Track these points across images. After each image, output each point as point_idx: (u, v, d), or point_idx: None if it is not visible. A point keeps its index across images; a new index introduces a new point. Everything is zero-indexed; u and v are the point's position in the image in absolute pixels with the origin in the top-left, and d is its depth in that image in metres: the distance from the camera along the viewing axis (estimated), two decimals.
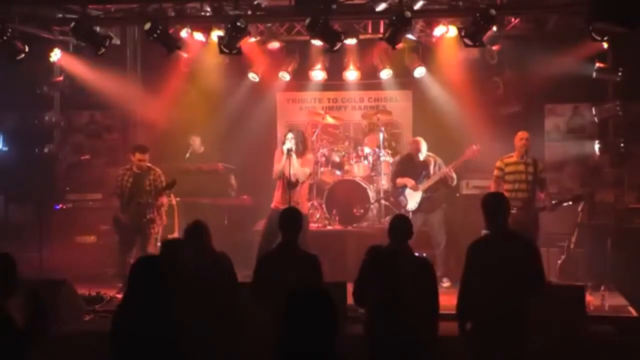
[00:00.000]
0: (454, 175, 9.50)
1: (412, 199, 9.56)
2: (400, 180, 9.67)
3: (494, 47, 10.01)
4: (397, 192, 9.77)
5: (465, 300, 5.50)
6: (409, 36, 9.53)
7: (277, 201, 8.83)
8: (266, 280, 5.73)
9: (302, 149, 8.78)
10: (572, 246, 9.34)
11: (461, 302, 5.51)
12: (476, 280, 5.44)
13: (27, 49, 9.00)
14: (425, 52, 10.68)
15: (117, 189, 9.15)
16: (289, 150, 8.60)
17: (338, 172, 10.51)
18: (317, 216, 10.32)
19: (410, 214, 9.40)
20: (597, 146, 10.48)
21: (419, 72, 10.71)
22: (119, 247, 9.15)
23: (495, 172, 8.78)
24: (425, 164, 9.59)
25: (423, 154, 9.58)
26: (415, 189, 9.52)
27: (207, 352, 5.51)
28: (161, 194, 9.05)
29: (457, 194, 10.33)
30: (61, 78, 10.74)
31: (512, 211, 8.34)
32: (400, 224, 5.77)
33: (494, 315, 5.34)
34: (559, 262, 9.27)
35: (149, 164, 9.15)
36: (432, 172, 9.52)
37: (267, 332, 5.07)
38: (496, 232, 5.54)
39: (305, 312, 3.17)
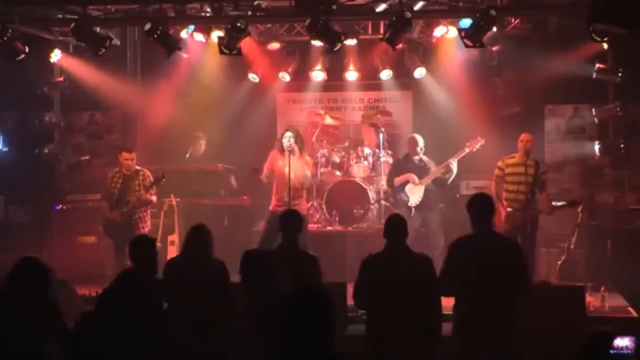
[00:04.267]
0: (454, 167, 9.34)
1: (415, 195, 9.44)
2: (398, 179, 9.51)
3: (494, 48, 10.01)
4: (396, 191, 9.70)
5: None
6: (409, 36, 9.52)
7: (275, 203, 8.84)
8: None
9: (299, 149, 8.80)
10: (572, 247, 9.35)
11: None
12: (457, 279, 5.45)
13: (27, 50, 9.00)
14: (425, 52, 10.68)
15: (106, 191, 9.20)
16: (289, 150, 8.63)
17: (338, 173, 10.52)
18: (317, 217, 10.32)
19: (413, 210, 9.36)
20: (597, 147, 10.47)
21: (419, 72, 10.71)
22: (114, 248, 9.16)
23: (496, 172, 8.78)
24: (422, 161, 9.51)
25: (422, 149, 9.47)
26: (415, 182, 9.41)
27: (200, 357, 5.53)
28: (149, 191, 9.09)
29: (457, 195, 10.32)
30: (61, 78, 10.74)
31: (510, 210, 8.46)
32: (396, 224, 5.75)
33: (479, 316, 5.36)
34: (559, 262, 9.28)
35: (137, 167, 9.19)
36: (430, 168, 9.44)
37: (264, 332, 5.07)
38: (481, 233, 5.57)
39: (303, 312, 3.17)
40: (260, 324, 4.52)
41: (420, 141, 9.48)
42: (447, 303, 5.75)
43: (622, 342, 6.23)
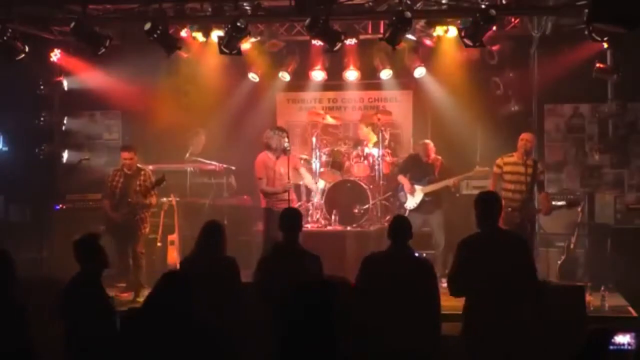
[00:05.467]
0: (458, 186, 9.57)
1: (412, 198, 9.57)
2: (400, 178, 9.74)
3: (494, 48, 10.01)
4: (398, 189, 9.81)
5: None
6: (409, 36, 9.53)
7: (271, 201, 8.96)
8: (269, 280, 5.75)
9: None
10: (572, 246, 9.36)
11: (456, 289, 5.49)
12: (464, 279, 5.41)
13: (27, 49, 9.00)
14: (425, 52, 10.68)
15: (107, 189, 9.21)
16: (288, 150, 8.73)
17: (338, 172, 10.51)
18: (317, 216, 10.32)
19: (407, 212, 9.40)
20: (596, 146, 10.49)
21: (419, 72, 10.71)
22: (116, 248, 9.15)
23: (494, 170, 8.82)
24: (431, 167, 9.61)
25: (430, 157, 9.65)
26: (410, 191, 9.56)
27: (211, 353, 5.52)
28: (150, 192, 9.11)
29: (457, 194, 10.32)
30: (61, 78, 10.75)
31: (508, 210, 8.46)
32: (400, 225, 5.75)
33: (492, 317, 5.31)
34: (559, 262, 9.30)
35: (139, 165, 9.21)
36: (436, 176, 9.53)
37: (269, 331, 5.07)
38: (488, 231, 5.52)
39: (307, 310, 3.17)
40: (269, 322, 4.53)
41: (430, 144, 9.76)
42: (449, 303, 5.76)
43: (623, 338, 6.25)
